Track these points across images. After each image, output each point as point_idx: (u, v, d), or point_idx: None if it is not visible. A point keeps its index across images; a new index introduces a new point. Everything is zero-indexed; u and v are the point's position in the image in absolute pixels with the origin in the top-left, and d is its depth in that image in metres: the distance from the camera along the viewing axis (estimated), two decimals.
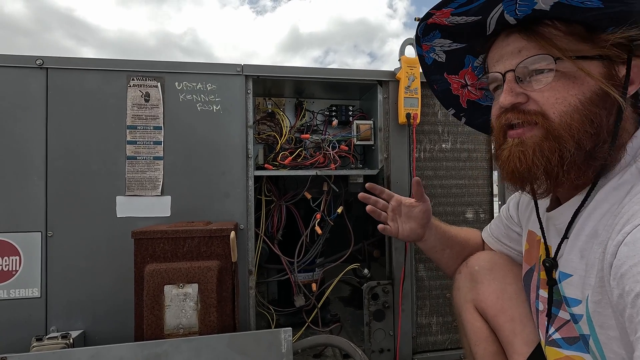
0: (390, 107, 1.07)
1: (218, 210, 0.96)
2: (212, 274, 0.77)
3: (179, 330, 0.75)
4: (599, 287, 0.45)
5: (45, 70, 0.90)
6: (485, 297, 0.70)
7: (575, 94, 0.47)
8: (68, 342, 0.81)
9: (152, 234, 0.78)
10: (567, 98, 0.47)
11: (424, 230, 0.79)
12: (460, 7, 0.51)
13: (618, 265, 0.40)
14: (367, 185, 0.82)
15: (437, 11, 0.54)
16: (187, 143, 0.96)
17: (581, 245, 0.50)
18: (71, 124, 0.91)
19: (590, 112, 0.46)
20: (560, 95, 0.47)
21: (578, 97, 0.47)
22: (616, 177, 0.48)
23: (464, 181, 1.11)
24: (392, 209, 0.81)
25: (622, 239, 0.40)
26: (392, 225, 0.82)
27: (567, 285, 0.52)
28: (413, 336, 1.06)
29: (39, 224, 0.89)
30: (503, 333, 0.67)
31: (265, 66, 1.01)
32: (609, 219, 0.46)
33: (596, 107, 0.46)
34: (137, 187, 0.93)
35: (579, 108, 0.46)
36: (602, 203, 0.48)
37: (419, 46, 0.64)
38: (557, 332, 0.56)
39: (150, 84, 0.95)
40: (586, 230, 0.50)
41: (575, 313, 0.51)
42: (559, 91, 0.47)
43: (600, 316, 0.46)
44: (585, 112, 0.46)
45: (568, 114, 0.47)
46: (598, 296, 0.46)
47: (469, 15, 0.52)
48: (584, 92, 0.47)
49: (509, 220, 0.74)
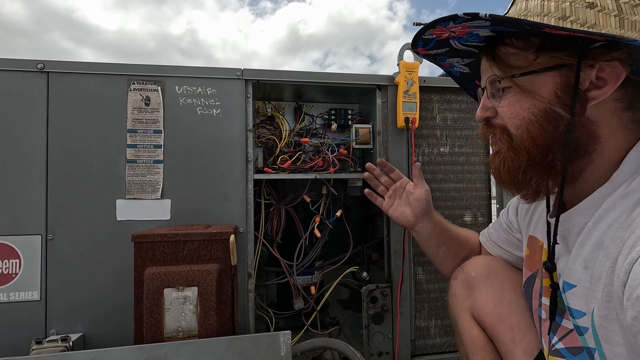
0: (389, 111, 1.08)
1: (218, 213, 0.97)
2: (212, 277, 0.77)
3: (178, 334, 0.75)
4: (606, 302, 0.44)
5: (47, 74, 0.91)
6: (483, 305, 0.69)
7: (527, 107, 0.49)
8: (68, 345, 0.81)
9: (152, 237, 0.78)
10: (520, 112, 0.50)
11: (416, 220, 0.81)
12: (425, 46, 0.57)
13: (634, 286, 0.38)
14: (379, 161, 0.85)
15: (419, 50, 0.60)
16: (187, 146, 0.97)
17: (586, 255, 0.49)
18: (72, 127, 0.92)
19: (541, 126, 0.48)
20: (515, 110, 0.50)
21: (530, 111, 0.49)
22: (623, 185, 0.47)
23: (462, 185, 1.11)
24: (395, 188, 0.86)
25: (637, 257, 0.39)
26: (387, 201, 0.86)
27: (572, 295, 0.51)
28: (412, 339, 1.06)
29: (39, 227, 0.89)
30: (502, 342, 0.66)
31: (265, 70, 1.01)
32: (616, 230, 0.45)
33: (547, 121, 0.48)
34: (137, 191, 0.94)
35: (532, 121, 0.49)
36: (608, 212, 0.47)
37: (440, 66, 0.66)
38: (560, 341, 0.55)
39: (150, 88, 0.96)
40: (591, 240, 0.48)
41: (580, 325, 0.50)
42: (515, 106, 0.50)
43: (606, 331, 0.45)
44: (537, 125, 0.48)
45: (522, 127, 0.50)
46: (604, 311, 0.45)
47: (438, 49, 0.58)
48: (536, 106, 0.48)
49: (510, 226, 0.73)
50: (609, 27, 0.45)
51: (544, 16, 0.47)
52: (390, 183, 0.88)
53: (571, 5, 0.46)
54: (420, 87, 1.05)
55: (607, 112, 0.48)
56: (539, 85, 0.48)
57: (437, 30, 0.52)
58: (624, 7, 0.45)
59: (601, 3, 0.45)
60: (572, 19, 0.46)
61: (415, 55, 1.09)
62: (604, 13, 0.45)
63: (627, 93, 0.47)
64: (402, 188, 0.84)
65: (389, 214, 0.85)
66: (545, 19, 0.47)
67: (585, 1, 0.45)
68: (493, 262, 0.74)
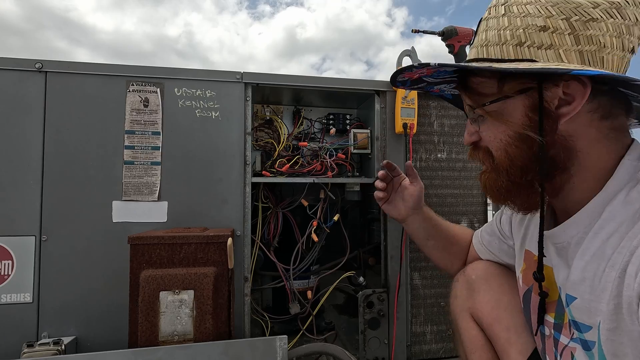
0: (387, 117, 1.08)
1: (215, 216, 0.96)
2: (208, 281, 0.77)
3: (173, 337, 0.75)
4: (614, 314, 0.44)
5: (44, 74, 0.90)
6: (482, 306, 0.71)
7: (503, 131, 0.52)
8: (60, 349, 0.80)
9: (149, 239, 0.78)
10: (497, 135, 0.52)
11: (407, 212, 0.86)
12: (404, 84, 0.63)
13: None
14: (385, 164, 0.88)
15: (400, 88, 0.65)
16: (185, 149, 0.96)
17: (585, 267, 0.48)
18: (69, 127, 0.91)
19: (518, 148, 0.50)
20: (493, 134, 0.53)
21: (507, 134, 0.51)
22: (621, 194, 0.47)
23: (458, 191, 1.12)
24: (394, 182, 0.90)
25: None
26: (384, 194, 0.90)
27: (575, 309, 0.51)
28: (408, 345, 1.06)
29: (33, 228, 0.88)
30: (498, 342, 0.68)
31: (264, 74, 1.02)
32: (619, 240, 0.45)
33: (521, 142, 0.50)
34: (133, 192, 0.93)
35: (509, 143, 0.51)
36: (608, 222, 0.47)
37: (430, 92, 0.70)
38: (561, 357, 0.55)
39: (149, 90, 0.95)
40: (591, 250, 0.48)
41: (587, 339, 0.49)
42: (492, 130, 0.53)
43: (613, 344, 0.45)
44: (514, 147, 0.51)
45: (501, 149, 0.52)
46: (612, 324, 0.44)
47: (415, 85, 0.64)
48: (511, 129, 0.51)
49: (502, 233, 0.74)
50: (566, 45, 0.46)
51: (502, 45, 0.49)
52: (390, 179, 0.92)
53: (525, 32, 0.48)
54: (418, 93, 1.06)
55: (584, 125, 0.48)
56: (510, 109, 0.50)
57: (406, 74, 0.57)
58: (576, 25, 0.46)
59: (553, 24, 0.46)
60: (528, 44, 0.48)
61: (416, 62, 1.10)
62: (558, 33, 0.46)
63: (601, 103, 0.48)
64: (398, 183, 0.88)
65: (383, 206, 0.90)
66: (504, 47, 0.49)
67: (537, 25, 0.47)
68: (492, 267, 0.75)
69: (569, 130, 0.48)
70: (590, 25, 0.45)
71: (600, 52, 0.46)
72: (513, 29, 0.48)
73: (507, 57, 0.49)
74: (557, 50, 0.46)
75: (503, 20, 0.49)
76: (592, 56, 0.46)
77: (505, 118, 0.51)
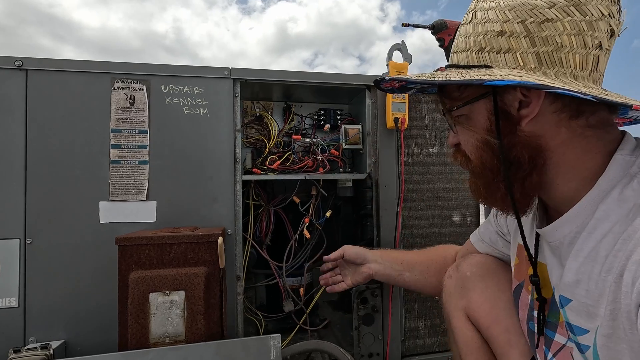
0: (379, 112, 1.07)
1: (205, 215, 0.95)
2: (199, 281, 0.75)
3: (164, 339, 0.73)
4: (611, 320, 0.43)
5: (25, 72, 0.88)
6: (478, 306, 0.68)
7: (472, 134, 0.53)
8: (48, 353, 0.78)
9: (137, 240, 0.76)
10: (468, 140, 0.54)
11: (367, 267, 0.91)
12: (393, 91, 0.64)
13: None
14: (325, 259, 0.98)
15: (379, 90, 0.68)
16: (173, 147, 0.94)
17: (579, 268, 0.47)
18: (52, 127, 0.89)
19: (484, 151, 0.52)
20: (465, 138, 0.55)
21: (475, 137, 0.52)
22: (615, 191, 0.45)
23: (451, 185, 1.12)
24: (340, 266, 0.99)
25: None
26: (345, 281, 0.96)
27: (570, 311, 0.50)
28: (402, 340, 1.06)
29: (17, 231, 0.86)
30: (498, 344, 0.65)
31: (253, 70, 1.00)
32: (613, 241, 0.43)
33: (485, 145, 0.51)
34: (121, 192, 0.91)
35: (478, 147, 0.52)
36: (602, 221, 0.45)
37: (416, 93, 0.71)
38: (554, 357, 0.54)
39: (135, 87, 0.93)
40: (585, 251, 0.47)
41: (581, 343, 0.48)
42: (465, 134, 0.55)
43: (610, 351, 0.43)
44: (482, 150, 0.52)
45: (473, 153, 0.53)
46: (609, 330, 0.43)
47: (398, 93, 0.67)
48: (479, 132, 0.52)
49: (499, 229, 0.73)
50: (523, 48, 0.46)
51: (467, 51, 0.51)
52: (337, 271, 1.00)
53: (484, 37, 0.49)
54: None
55: (551, 125, 0.48)
56: (476, 113, 0.52)
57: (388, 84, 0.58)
58: (531, 27, 0.46)
59: (509, 29, 0.47)
60: (488, 48, 0.49)
61: (406, 56, 1.09)
62: (514, 37, 0.47)
63: (565, 103, 0.46)
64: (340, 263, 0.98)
65: (353, 285, 0.96)
66: (469, 53, 0.51)
67: (495, 31, 0.48)
68: (489, 262, 0.73)
69: (535, 130, 0.48)
70: (545, 27, 0.45)
71: (558, 53, 0.45)
72: (475, 35, 0.50)
73: (471, 64, 0.50)
74: (515, 54, 0.47)
75: (469, 27, 0.51)
76: (549, 57, 0.46)
77: (472, 122, 0.52)
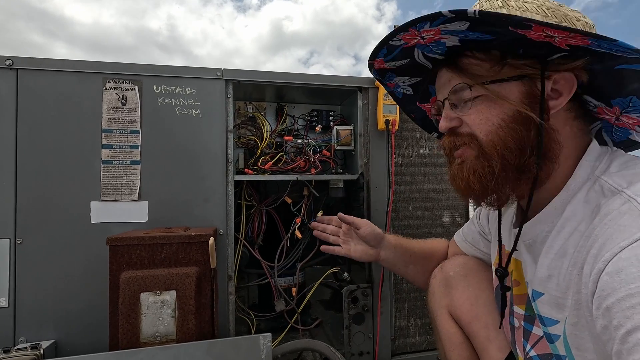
0: (370, 113, 1.09)
1: (197, 215, 0.95)
2: (191, 281, 0.76)
3: (155, 339, 0.74)
4: (575, 310, 0.46)
5: (15, 71, 0.87)
6: (460, 303, 0.71)
7: (496, 114, 0.50)
8: (38, 353, 0.78)
9: (129, 240, 0.76)
10: (490, 118, 0.51)
11: (376, 251, 0.86)
12: (386, 56, 0.58)
13: (602, 296, 0.39)
14: (318, 218, 0.95)
15: (373, 61, 0.60)
16: (165, 147, 0.95)
17: (550, 264, 0.50)
18: (43, 127, 0.88)
19: (512, 129, 0.50)
20: (484, 117, 0.51)
21: (500, 117, 0.50)
22: (580, 193, 0.49)
23: (440, 186, 1.14)
24: (344, 232, 0.92)
25: (603, 267, 0.40)
26: (344, 247, 0.91)
27: (541, 304, 0.53)
28: (392, 338, 1.08)
29: (7, 231, 0.86)
30: (477, 339, 0.68)
31: (245, 71, 1.00)
32: (578, 238, 0.47)
33: (517, 124, 0.50)
34: (112, 192, 0.91)
35: (502, 126, 0.50)
36: (569, 220, 0.49)
37: (384, 85, 0.68)
38: (532, 349, 0.56)
39: (127, 87, 0.93)
40: (555, 248, 0.50)
41: (551, 333, 0.51)
42: (483, 113, 0.51)
43: (577, 338, 0.47)
44: (507, 129, 0.50)
45: (492, 132, 0.51)
46: (574, 318, 0.46)
47: (399, 60, 0.59)
48: (505, 112, 0.50)
49: (482, 229, 0.76)
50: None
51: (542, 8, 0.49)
52: (336, 230, 0.94)
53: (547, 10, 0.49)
54: None
55: (562, 121, 0.51)
56: (506, 93, 0.50)
57: (409, 34, 0.52)
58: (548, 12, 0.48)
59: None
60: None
61: None
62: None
63: (574, 104, 0.51)
64: (349, 229, 0.90)
65: (351, 255, 0.89)
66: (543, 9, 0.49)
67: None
68: (471, 262, 0.76)
69: (554, 123, 0.50)
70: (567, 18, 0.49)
71: None
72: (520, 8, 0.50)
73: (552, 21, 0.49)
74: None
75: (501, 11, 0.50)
76: None
77: (505, 98, 0.50)
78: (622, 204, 0.43)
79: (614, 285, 0.38)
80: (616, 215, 0.42)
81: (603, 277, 0.40)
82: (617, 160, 0.49)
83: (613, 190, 0.45)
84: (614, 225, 0.41)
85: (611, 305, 0.38)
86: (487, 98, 0.51)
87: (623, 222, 0.41)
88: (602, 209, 0.45)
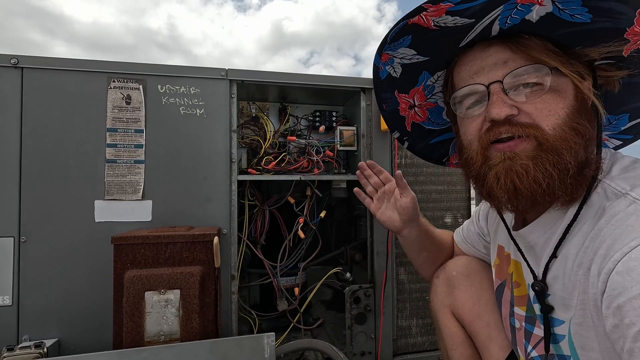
0: (373, 114, 1.09)
1: (201, 214, 0.96)
2: (195, 280, 0.76)
3: (159, 338, 0.74)
4: (581, 310, 0.46)
5: (21, 70, 0.87)
6: (462, 303, 0.72)
7: (562, 106, 0.47)
8: (42, 352, 0.78)
9: (133, 239, 0.77)
10: (557, 110, 0.47)
11: (403, 225, 0.78)
12: (460, 4, 0.46)
13: (613, 295, 0.39)
14: (369, 162, 0.83)
15: (432, 5, 0.47)
16: (169, 147, 0.95)
17: (555, 265, 0.50)
18: (47, 125, 0.89)
19: (578, 124, 0.46)
20: (552, 107, 0.47)
21: (565, 110, 0.47)
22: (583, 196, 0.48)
23: (443, 187, 1.14)
24: (384, 191, 0.81)
25: (613, 266, 0.40)
26: (375, 203, 0.82)
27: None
28: (394, 339, 1.08)
29: (11, 229, 0.86)
30: (479, 338, 0.69)
31: (249, 71, 1.01)
32: (582, 240, 0.47)
33: (581, 118, 0.47)
34: (116, 191, 0.92)
35: (567, 120, 0.46)
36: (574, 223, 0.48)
37: (378, 55, 0.59)
38: (534, 349, 0.56)
39: (131, 86, 0.93)
40: (561, 250, 0.50)
41: (557, 333, 0.51)
42: (550, 103, 0.47)
43: (582, 338, 0.47)
44: (572, 123, 0.46)
45: (560, 126, 0.46)
46: (580, 318, 0.46)
47: (462, 17, 0.48)
48: (569, 104, 0.47)
49: (481, 231, 0.76)
50: None
51: None
52: (379, 184, 0.83)
53: None
54: None
55: None
56: (565, 85, 0.48)
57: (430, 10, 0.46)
58: None
59: None
60: None
61: None
62: None
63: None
64: (390, 192, 0.80)
65: (377, 216, 0.81)
66: None
67: None
68: (473, 263, 0.76)
69: None
70: None
71: None
72: None
73: None
74: None
75: None
76: None
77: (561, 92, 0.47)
78: (628, 206, 0.43)
79: (625, 284, 0.38)
80: (623, 217, 0.42)
81: (613, 277, 0.40)
82: (618, 164, 0.49)
83: (617, 193, 0.45)
84: (622, 226, 0.42)
85: (622, 304, 0.38)
86: (551, 88, 0.47)
87: (631, 222, 0.41)
88: (608, 210, 0.44)
